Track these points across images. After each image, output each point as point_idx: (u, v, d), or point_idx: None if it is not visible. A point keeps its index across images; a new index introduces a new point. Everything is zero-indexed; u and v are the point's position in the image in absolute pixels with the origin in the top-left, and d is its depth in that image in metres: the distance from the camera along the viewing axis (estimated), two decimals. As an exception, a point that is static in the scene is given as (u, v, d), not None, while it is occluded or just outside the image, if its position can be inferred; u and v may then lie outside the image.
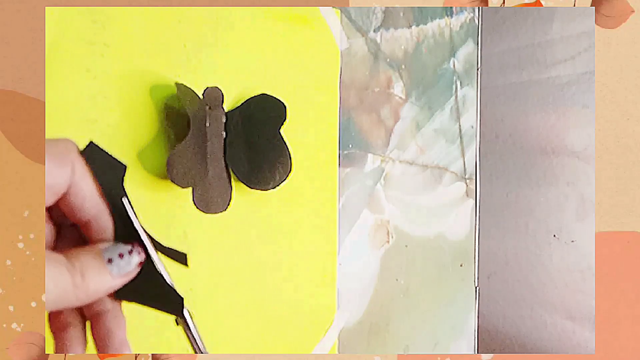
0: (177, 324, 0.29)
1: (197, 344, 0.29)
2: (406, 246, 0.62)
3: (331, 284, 0.54)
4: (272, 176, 0.47)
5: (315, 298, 0.53)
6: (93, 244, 0.27)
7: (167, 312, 0.28)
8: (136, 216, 0.28)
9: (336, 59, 0.55)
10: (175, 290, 0.28)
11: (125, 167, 0.27)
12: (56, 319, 0.27)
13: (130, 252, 0.27)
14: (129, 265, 0.27)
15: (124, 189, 0.27)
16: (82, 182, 0.26)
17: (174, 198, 0.45)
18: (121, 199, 0.27)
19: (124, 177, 0.27)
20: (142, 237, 0.28)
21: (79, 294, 0.25)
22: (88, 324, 0.28)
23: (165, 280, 0.28)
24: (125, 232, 0.27)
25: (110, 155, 0.27)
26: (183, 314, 0.28)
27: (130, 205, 0.28)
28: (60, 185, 0.25)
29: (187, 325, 0.28)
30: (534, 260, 0.66)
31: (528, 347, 0.66)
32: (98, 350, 0.27)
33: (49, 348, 0.39)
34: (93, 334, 0.27)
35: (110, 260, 0.26)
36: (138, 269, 0.27)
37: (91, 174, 0.27)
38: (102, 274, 0.26)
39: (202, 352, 0.29)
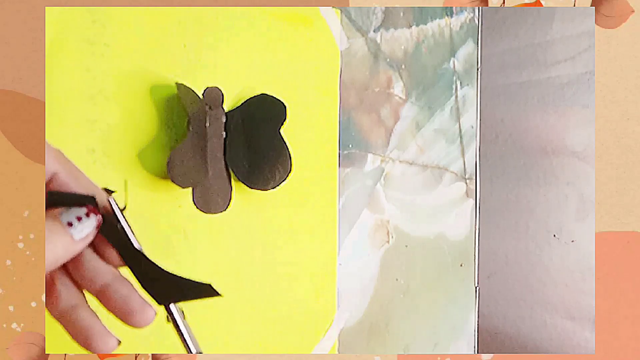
0: (168, 320, 0.29)
1: (187, 342, 0.29)
2: (406, 246, 0.62)
3: (331, 284, 0.54)
4: (272, 176, 0.47)
5: (315, 298, 0.53)
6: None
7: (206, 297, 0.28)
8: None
9: (336, 59, 0.55)
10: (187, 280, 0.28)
11: (93, 197, 0.27)
12: (74, 327, 0.27)
13: (87, 214, 0.27)
14: (89, 227, 0.26)
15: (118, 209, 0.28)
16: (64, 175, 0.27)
17: (174, 198, 0.45)
18: (119, 224, 0.28)
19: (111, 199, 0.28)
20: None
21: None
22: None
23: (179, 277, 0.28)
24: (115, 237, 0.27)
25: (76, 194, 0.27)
26: (216, 292, 0.28)
27: (128, 223, 0.28)
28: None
29: (177, 324, 0.28)
30: (534, 260, 0.66)
31: (528, 347, 0.66)
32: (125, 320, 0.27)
33: (49, 348, 0.39)
34: (70, 331, 0.27)
35: (70, 224, 0.26)
36: (96, 232, 0.27)
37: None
38: (63, 238, 0.26)
39: (191, 352, 0.29)
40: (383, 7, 0.59)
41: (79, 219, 0.26)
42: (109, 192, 0.39)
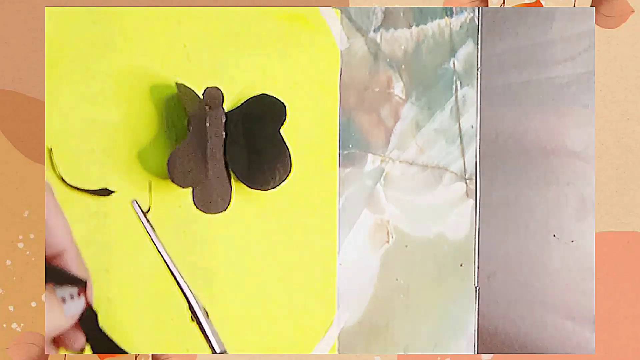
0: (192, 320, 0.29)
1: (210, 341, 0.29)
2: (406, 246, 0.62)
3: (331, 284, 0.54)
4: (272, 176, 0.47)
5: (315, 298, 0.53)
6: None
7: None
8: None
9: (336, 59, 0.55)
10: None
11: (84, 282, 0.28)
12: None
13: (78, 294, 0.27)
14: (78, 307, 0.27)
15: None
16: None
17: (174, 198, 0.45)
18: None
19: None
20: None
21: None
22: None
23: None
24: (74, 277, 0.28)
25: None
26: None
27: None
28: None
29: (200, 323, 0.29)
30: (534, 260, 0.65)
31: (528, 347, 0.66)
32: None
33: (49, 348, 0.39)
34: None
35: (63, 300, 0.26)
36: (82, 313, 0.27)
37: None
38: (56, 311, 0.26)
39: (215, 351, 0.30)
40: (383, 7, 0.59)
41: (72, 297, 0.27)
42: (109, 192, 0.39)
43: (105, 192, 0.41)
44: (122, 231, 0.42)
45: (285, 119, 0.47)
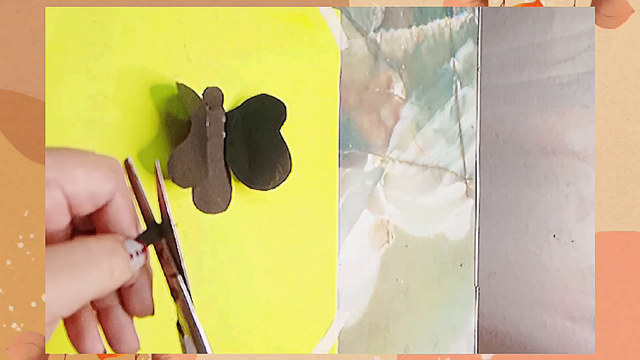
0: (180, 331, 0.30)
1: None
2: (406, 246, 0.62)
3: (331, 284, 0.54)
4: (272, 176, 0.47)
5: (315, 298, 0.53)
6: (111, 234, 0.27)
7: None
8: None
9: (336, 59, 0.55)
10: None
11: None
12: (73, 324, 0.27)
13: (143, 250, 0.27)
14: (140, 263, 0.27)
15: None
16: (122, 201, 0.27)
17: (174, 198, 0.45)
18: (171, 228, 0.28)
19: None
20: (184, 268, 0.29)
21: (113, 280, 0.25)
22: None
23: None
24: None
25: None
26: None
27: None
28: (100, 198, 0.26)
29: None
30: (534, 260, 0.66)
31: (528, 347, 0.66)
32: (111, 344, 0.28)
33: (49, 348, 0.39)
34: (104, 329, 0.28)
35: (131, 256, 0.27)
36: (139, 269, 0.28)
37: (132, 194, 0.28)
38: (125, 264, 0.26)
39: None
40: (383, 7, 0.59)
41: (137, 253, 0.27)
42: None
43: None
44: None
45: (285, 119, 0.47)
